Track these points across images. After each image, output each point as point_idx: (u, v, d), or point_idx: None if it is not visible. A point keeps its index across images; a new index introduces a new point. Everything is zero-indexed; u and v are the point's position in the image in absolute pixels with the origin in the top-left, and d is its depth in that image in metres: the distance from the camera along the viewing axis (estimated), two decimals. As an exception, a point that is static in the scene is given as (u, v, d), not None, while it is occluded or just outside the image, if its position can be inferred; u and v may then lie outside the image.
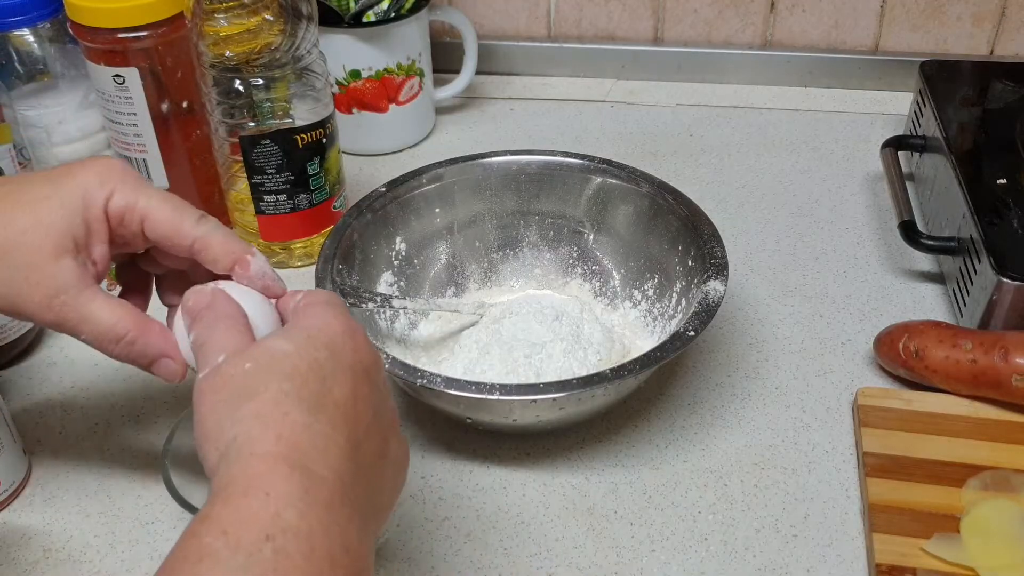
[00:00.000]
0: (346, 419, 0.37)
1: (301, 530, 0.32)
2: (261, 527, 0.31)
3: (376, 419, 0.40)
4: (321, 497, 0.33)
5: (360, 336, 0.41)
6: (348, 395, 0.38)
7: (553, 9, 1.00)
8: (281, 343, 0.39)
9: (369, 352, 0.41)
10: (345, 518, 0.34)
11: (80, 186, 0.46)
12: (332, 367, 0.38)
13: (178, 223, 0.46)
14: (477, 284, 0.73)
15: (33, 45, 0.76)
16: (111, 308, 0.46)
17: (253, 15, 0.67)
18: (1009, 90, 0.80)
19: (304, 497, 0.33)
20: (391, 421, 0.42)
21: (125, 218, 0.46)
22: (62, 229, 0.45)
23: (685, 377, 0.66)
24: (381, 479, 0.40)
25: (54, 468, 0.61)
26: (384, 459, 0.40)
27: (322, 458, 0.35)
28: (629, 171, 0.70)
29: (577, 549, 0.55)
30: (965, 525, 0.54)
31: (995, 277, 0.62)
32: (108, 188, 0.46)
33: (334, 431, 0.36)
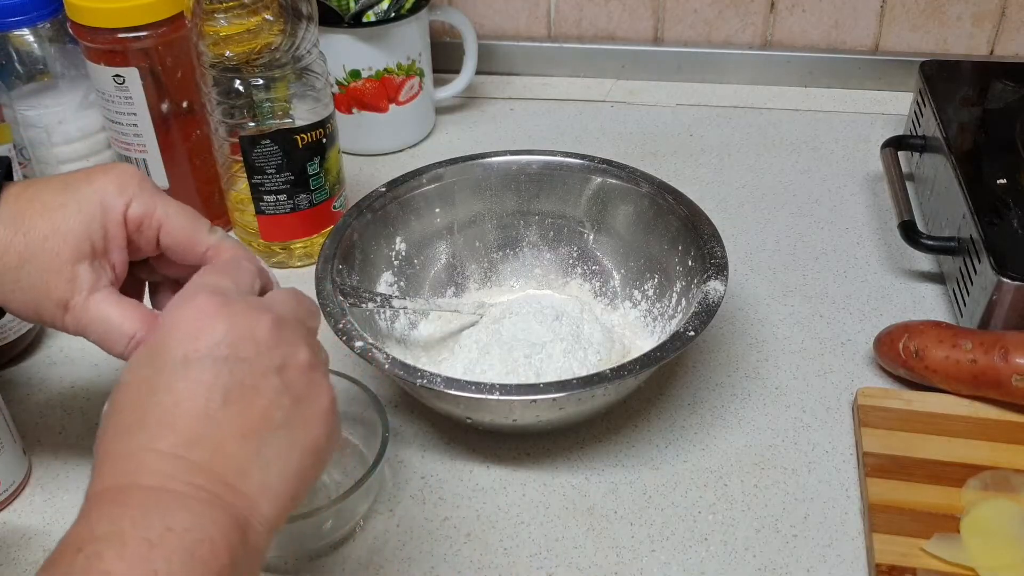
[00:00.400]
0: (168, 428, 0.37)
1: (111, 534, 0.34)
2: (75, 545, 0.34)
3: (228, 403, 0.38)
4: (132, 502, 0.35)
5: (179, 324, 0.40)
6: (171, 405, 0.38)
7: (553, 9, 1.00)
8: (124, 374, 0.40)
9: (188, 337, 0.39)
10: (167, 508, 0.35)
11: (98, 192, 0.47)
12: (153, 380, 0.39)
13: (192, 232, 0.48)
14: (477, 284, 0.73)
15: (33, 45, 0.76)
16: (120, 307, 0.47)
17: (253, 15, 0.67)
18: (1009, 90, 0.80)
19: (117, 509, 0.35)
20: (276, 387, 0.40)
21: (143, 225, 0.47)
22: (80, 235, 0.46)
23: (685, 377, 0.66)
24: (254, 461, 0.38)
25: (54, 468, 0.61)
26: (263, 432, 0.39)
27: (139, 471, 0.36)
28: (629, 171, 0.70)
29: (577, 549, 0.55)
30: (965, 525, 0.54)
31: (995, 277, 0.62)
32: (127, 195, 0.47)
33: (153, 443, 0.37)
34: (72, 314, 0.46)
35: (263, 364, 0.40)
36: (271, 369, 0.40)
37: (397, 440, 0.62)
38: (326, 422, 0.41)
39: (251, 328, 0.40)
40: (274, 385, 0.40)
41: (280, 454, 0.39)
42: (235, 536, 0.36)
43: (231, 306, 0.40)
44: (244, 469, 0.38)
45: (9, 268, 0.46)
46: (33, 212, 0.46)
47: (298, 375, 0.41)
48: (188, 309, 0.40)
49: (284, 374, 0.40)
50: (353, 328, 0.58)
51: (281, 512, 0.39)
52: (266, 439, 0.39)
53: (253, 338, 0.40)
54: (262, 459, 0.38)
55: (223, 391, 0.38)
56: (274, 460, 0.39)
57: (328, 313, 0.59)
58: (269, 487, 0.38)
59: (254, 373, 0.39)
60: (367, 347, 0.56)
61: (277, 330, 0.41)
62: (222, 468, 0.37)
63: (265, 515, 0.38)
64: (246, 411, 0.39)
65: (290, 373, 0.40)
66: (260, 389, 0.39)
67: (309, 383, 0.41)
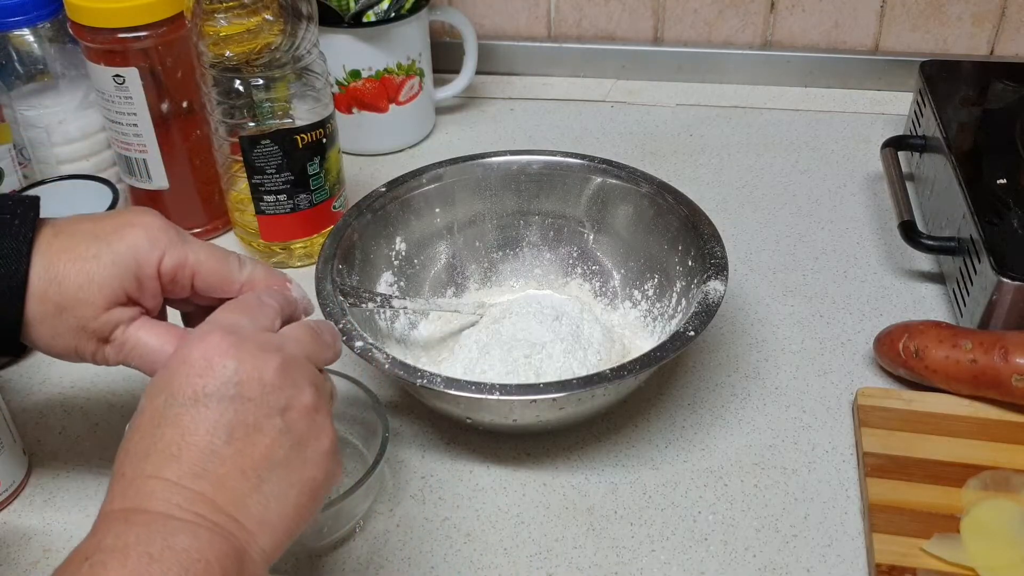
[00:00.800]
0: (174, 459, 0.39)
1: (116, 547, 0.36)
2: (83, 555, 0.36)
3: (232, 440, 0.40)
4: (138, 521, 0.38)
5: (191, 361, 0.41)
6: (177, 437, 0.39)
7: (553, 9, 1.00)
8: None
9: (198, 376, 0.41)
10: (170, 530, 0.37)
11: (132, 248, 0.48)
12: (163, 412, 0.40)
13: (226, 273, 0.50)
14: (477, 284, 0.73)
15: (33, 45, 0.76)
16: (156, 333, 0.49)
17: (253, 15, 0.67)
18: (1009, 90, 0.80)
19: (123, 526, 0.37)
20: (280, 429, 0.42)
21: (177, 276, 0.49)
22: (115, 287, 0.47)
23: (685, 377, 0.66)
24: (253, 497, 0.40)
25: (54, 468, 0.61)
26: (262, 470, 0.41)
27: (147, 497, 0.38)
28: (629, 171, 0.70)
29: (577, 549, 0.55)
30: (965, 525, 0.54)
31: (995, 277, 0.62)
32: (160, 249, 0.48)
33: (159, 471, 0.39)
34: (112, 347, 0.49)
35: (267, 405, 0.41)
36: (275, 410, 0.42)
37: (397, 440, 0.62)
38: (325, 463, 0.43)
39: (259, 369, 0.42)
40: (277, 425, 0.41)
41: (279, 491, 0.41)
42: (231, 563, 0.38)
43: (242, 346, 0.42)
44: (244, 503, 0.40)
45: (47, 316, 0.47)
46: (66, 262, 0.47)
47: (300, 417, 0.42)
48: (201, 346, 0.42)
49: (287, 415, 0.42)
50: (353, 328, 0.58)
51: (277, 545, 0.41)
52: (266, 476, 0.41)
53: (260, 379, 0.41)
54: (262, 495, 0.40)
55: (227, 429, 0.40)
56: (273, 496, 0.41)
57: (328, 313, 0.59)
58: (267, 521, 0.40)
59: (258, 413, 0.41)
60: (367, 347, 0.56)
61: (283, 372, 0.42)
62: (223, 500, 0.39)
63: (262, 547, 0.40)
64: (248, 449, 0.40)
65: (293, 414, 0.42)
66: (263, 429, 0.41)
67: (311, 425, 0.43)
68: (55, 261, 0.47)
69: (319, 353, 0.46)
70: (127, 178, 0.77)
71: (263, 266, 0.51)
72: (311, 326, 0.47)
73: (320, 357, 0.47)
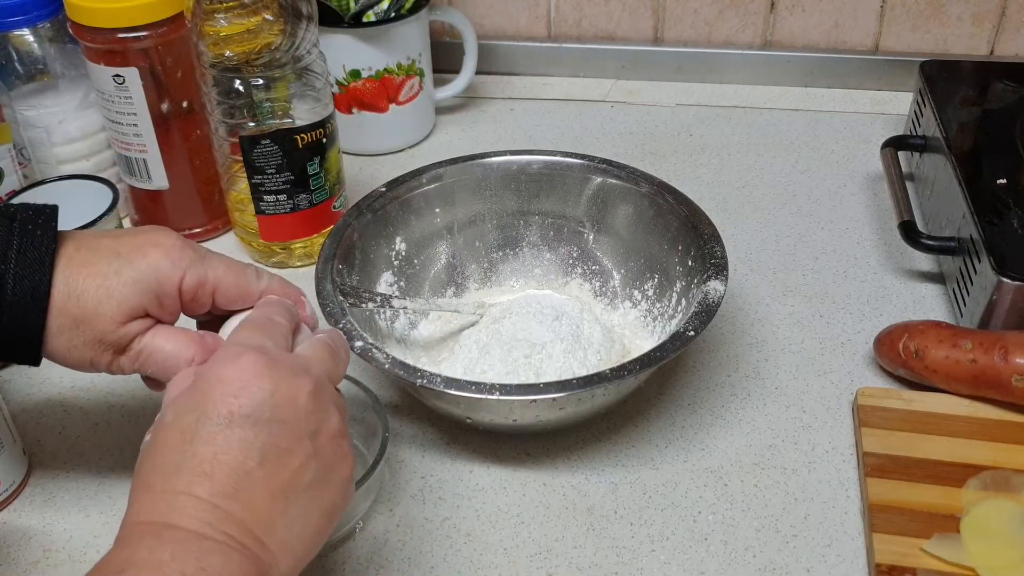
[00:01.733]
0: (207, 477, 0.40)
1: (150, 562, 0.37)
2: (115, 567, 0.37)
3: (264, 462, 0.40)
4: (172, 538, 0.38)
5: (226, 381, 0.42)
6: (210, 456, 0.40)
7: (553, 9, 1.00)
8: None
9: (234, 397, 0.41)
10: (204, 550, 0.38)
11: (153, 268, 0.48)
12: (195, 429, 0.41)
13: (244, 286, 0.50)
14: (477, 284, 0.73)
15: (33, 45, 0.76)
16: (172, 338, 0.49)
17: (253, 15, 0.67)
18: (1009, 90, 0.80)
19: (156, 541, 0.38)
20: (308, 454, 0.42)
21: (197, 294, 0.49)
22: (134, 304, 0.48)
23: (685, 377, 0.66)
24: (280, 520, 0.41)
25: (54, 468, 0.61)
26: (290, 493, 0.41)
27: (178, 513, 0.39)
28: (629, 171, 0.70)
29: (577, 549, 0.55)
30: (965, 525, 0.53)
31: (995, 277, 0.62)
32: (181, 268, 0.49)
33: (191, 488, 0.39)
34: (128, 357, 0.49)
35: (300, 429, 0.42)
36: (306, 434, 0.42)
37: (397, 440, 0.62)
38: (345, 487, 0.44)
39: (293, 393, 0.42)
40: (307, 449, 0.42)
41: (303, 514, 0.42)
42: None
43: (276, 368, 0.42)
44: (271, 525, 0.40)
45: (64, 329, 0.48)
46: (86, 276, 0.48)
47: (328, 441, 0.43)
48: (235, 367, 0.42)
49: (316, 440, 0.43)
50: (353, 328, 0.58)
51: (296, 568, 0.42)
52: (292, 499, 0.41)
53: (294, 403, 0.42)
54: (287, 517, 0.41)
55: (261, 451, 0.41)
56: (297, 519, 0.41)
57: (328, 313, 0.59)
58: (289, 544, 0.41)
59: (290, 437, 0.42)
60: (367, 347, 0.56)
61: (316, 397, 0.43)
62: (252, 522, 0.40)
63: (283, 570, 0.41)
64: (279, 471, 0.41)
65: (322, 439, 0.43)
66: (294, 452, 0.42)
67: (336, 450, 0.44)
68: (75, 275, 0.48)
69: (337, 372, 0.47)
70: (127, 178, 0.77)
71: (278, 277, 0.52)
72: (328, 344, 0.47)
73: (337, 376, 0.47)
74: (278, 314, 0.48)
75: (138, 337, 0.49)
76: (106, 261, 0.48)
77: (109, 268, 0.48)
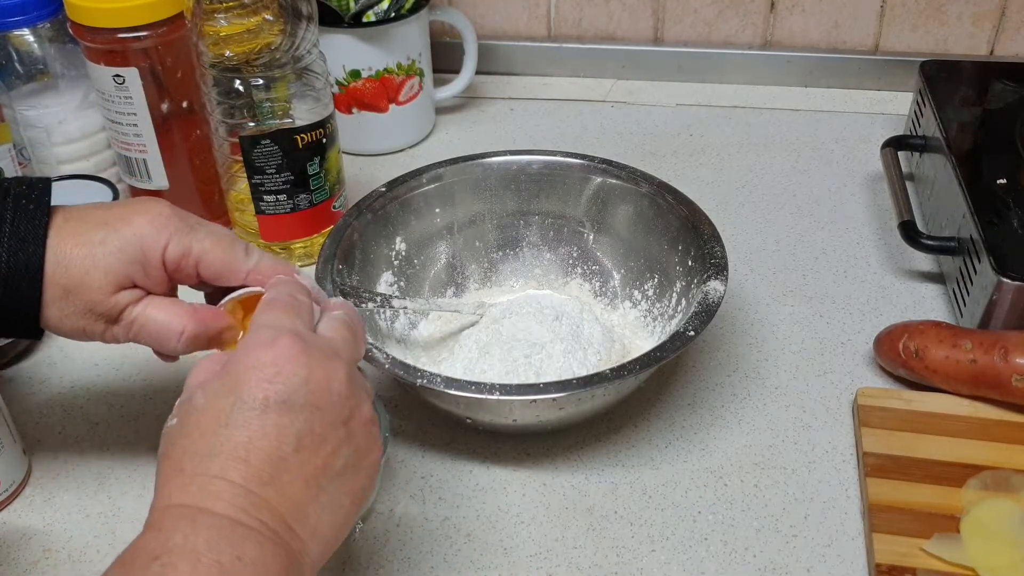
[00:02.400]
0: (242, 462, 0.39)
1: (185, 549, 0.36)
2: (151, 553, 0.36)
3: (299, 449, 0.40)
4: (207, 524, 0.37)
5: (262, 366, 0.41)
6: (245, 441, 0.39)
7: (553, 9, 1.00)
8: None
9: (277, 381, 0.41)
10: (239, 538, 0.37)
11: (137, 235, 0.48)
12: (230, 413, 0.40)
13: (230, 261, 0.49)
14: (477, 284, 0.73)
15: (33, 45, 0.76)
16: (164, 309, 0.50)
17: (253, 15, 0.67)
18: (1009, 90, 0.80)
19: (190, 527, 0.37)
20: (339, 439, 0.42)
21: (181, 263, 0.49)
22: (120, 272, 0.48)
23: (685, 377, 0.66)
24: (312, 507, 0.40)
25: (54, 468, 0.61)
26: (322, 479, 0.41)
27: (212, 498, 0.38)
28: (629, 171, 0.70)
29: (577, 549, 0.55)
30: (965, 525, 0.54)
31: (995, 277, 0.62)
32: (164, 237, 0.49)
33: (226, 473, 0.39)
34: (121, 327, 0.50)
35: (334, 415, 0.42)
36: (340, 420, 0.42)
37: (397, 440, 0.62)
38: (374, 473, 0.44)
39: (328, 379, 0.42)
40: (340, 435, 0.42)
41: (334, 500, 0.41)
42: (292, 575, 0.38)
43: (311, 353, 0.42)
44: (304, 512, 0.40)
45: (56, 299, 0.48)
46: (73, 246, 0.48)
47: (360, 427, 0.43)
48: (271, 352, 0.41)
49: (349, 425, 0.42)
50: (353, 328, 0.58)
51: (325, 555, 0.42)
52: (325, 486, 0.41)
53: (328, 389, 0.42)
54: (319, 504, 0.41)
55: (296, 437, 0.40)
56: (328, 506, 0.41)
57: (328, 313, 0.59)
58: (320, 532, 0.41)
59: (324, 423, 0.41)
60: (367, 347, 0.56)
61: (349, 383, 0.43)
62: (285, 509, 0.39)
63: (313, 558, 0.40)
64: (313, 458, 0.41)
65: (354, 425, 0.43)
66: (328, 438, 0.41)
67: (367, 435, 0.43)
68: (63, 245, 0.48)
69: (359, 352, 0.46)
70: (127, 178, 0.77)
71: (270, 255, 0.51)
72: (349, 325, 0.46)
73: (359, 355, 0.46)
74: (300, 293, 0.47)
75: (129, 307, 0.49)
76: (93, 231, 0.48)
77: (95, 237, 0.48)
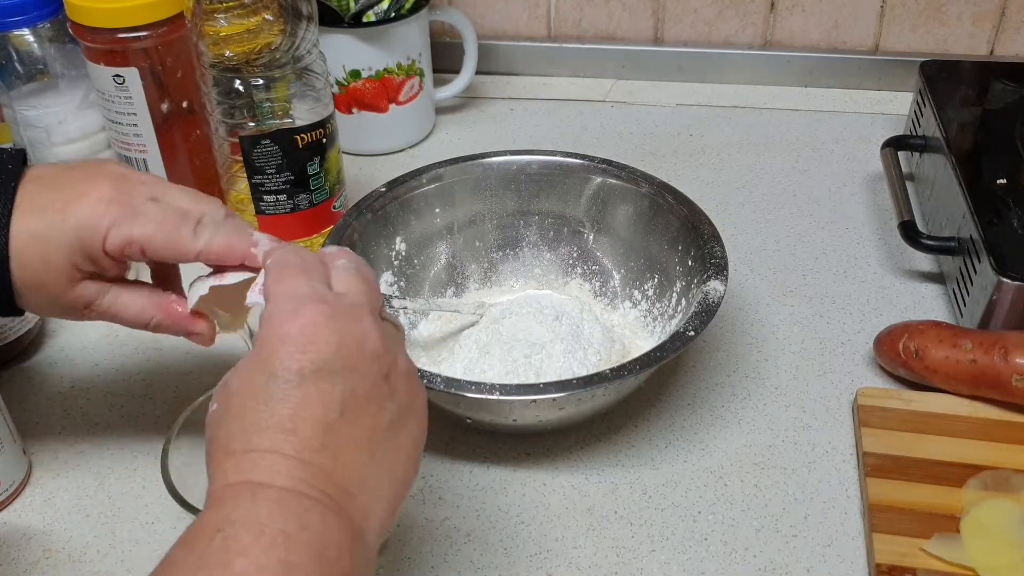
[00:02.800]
0: (291, 434, 0.38)
1: (248, 521, 0.35)
2: (213, 526, 0.36)
3: (345, 412, 0.39)
4: (268, 497, 0.37)
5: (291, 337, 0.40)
6: (289, 413, 0.38)
7: (553, 9, 1.00)
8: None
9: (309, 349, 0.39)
10: (302, 508, 0.37)
11: (75, 229, 0.47)
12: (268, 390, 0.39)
13: (175, 243, 0.48)
14: (477, 284, 0.73)
15: (33, 45, 0.76)
16: (133, 299, 0.51)
17: (253, 15, 0.67)
18: (1009, 90, 0.80)
19: (251, 500, 0.37)
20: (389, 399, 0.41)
21: (125, 251, 0.48)
22: (68, 267, 0.48)
23: (685, 377, 0.66)
24: (368, 468, 0.40)
25: (54, 468, 0.61)
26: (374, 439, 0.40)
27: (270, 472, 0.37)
28: (629, 171, 0.70)
29: (577, 549, 0.55)
30: (965, 525, 0.54)
31: (995, 277, 0.62)
32: (104, 226, 0.47)
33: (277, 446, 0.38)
34: (95, 313, 0.51)
35: (373, 373, 0.41)
36: (380, 377, 0.41)
37: (397, 440, 0.62)
38: (423, 419, 0.44)
39: (359, 339, 0.41)
40: (383, 392, 0.41)
41: (388, 459, 0.41)
42: (356, 544, 0.38)
43: (337, 316, 0.41)
44: (360, 477, 0.39)
45: (24, 291, 0.49)
46: (26, 242, 0.48)
47: (400, 380, 0.42)
48: (298, 321, 0.40)
49: (390, 380, 0.42)
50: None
51: (387, 517, 0.41)
52: (377, 444, 0.40)
53: (361, 349, 0.41)
54: (374, 466, 0.40)
55: (340, 402, 0.39)
56: (384, 466, 0.40)
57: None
58: (380, 494, 0.40)
59: (365, 383, 0.40)
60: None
61: (382, 339, 0.42)
62: (341, 475, 0.39)
63: (374, 522, 0.40)
64: (360, 419, 0.40)
65: (394, 379, 0.42)
66: (371, 398, 0.41)
67: (409, 386, 0.43)
68: (19, 237, 0.48)
69: (377, 300, 0.45)
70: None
71: (224, 231, 0.48)
72: (359, 272, 0.44)
73: (377, 303, 0.44)
74: (302, 251, 0.45)
75: (97, 300, 0.49)
76: (40, 216, 0.48)
77: (42, 230, 0.47)
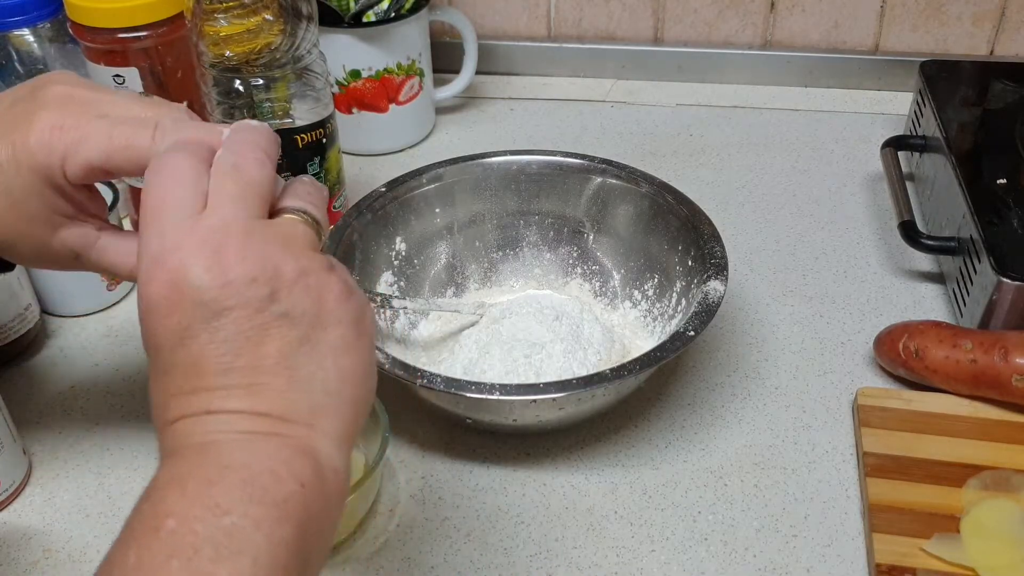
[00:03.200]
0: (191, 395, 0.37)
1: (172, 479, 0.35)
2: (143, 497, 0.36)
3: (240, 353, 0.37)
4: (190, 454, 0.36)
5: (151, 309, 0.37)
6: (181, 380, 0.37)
7: (553, 9, 1.00)
8: None
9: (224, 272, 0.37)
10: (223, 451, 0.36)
11: (32, 171, 0.45)
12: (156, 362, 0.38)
13: (135, 153, 0.44)
14: (477, 284, 0.73)
15: (33, 45, 0.76)
16: (117, 249, 0.49)
17: (253, 15, 0.67)
18: (1009, 90, 0.80)
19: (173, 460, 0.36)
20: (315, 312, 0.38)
21: (89, 176, 0.45)
22: (44, 212, 0.46)
23: (685, 377, 0.66)
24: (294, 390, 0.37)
25: (54, 468, 0.61)
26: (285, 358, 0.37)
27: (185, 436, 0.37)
28: (629, 171, 0.70)
29: (577, 549, 0.55)
30: (965, 525, 0.54)
31: (995, 277, 0.62)
32: (57, 158, 0.44)
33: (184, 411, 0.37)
34: (85, 263, 0.49)
35: (252, 303, 0.37)
36: (264, 302, 0.37)
37: (397, 440, 0.62)
38: (341, 314, 0.39)
39: (221, 274, 0.37)
40: (275, 312, 0.37)
41: (313, 370, 0.38)
42: (300, 463, 0.36)
43: (187, 265, 0.37)
44: (287, 399, 0.37)
45: (9, 242, 0.48)
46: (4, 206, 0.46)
47: (292, 292, 0.38)
48: (146, 291, 0.38)
49: (279, 300, 0.37)
50: (353, 328, 0.58)
51: (347, 423, 0.38)
52: (293, 363, 0.37)
53: (226, 284, 0.37)
54: (299, 383, 0.37)
55: (229, 346, 0.37)
56: (311, 378, 0.38)
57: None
58: (320, 405, 0.38)
59: (250, 315, 0.37)
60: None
61: (245, 259, 0.37)
62: (264, 407, 0.37)
63: (330, 432, 0.37)
64: (261, 350, 0.37)
65: (283, 295, 0.38)
66: (266, 326, 0.37)
67: (307, 291, 0.38)
68: None
69: (260, 198, 0.41)
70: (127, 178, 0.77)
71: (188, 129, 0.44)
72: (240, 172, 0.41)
73: (259, 204, 0.41)
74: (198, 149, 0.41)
75: (84, 251, 0.48)
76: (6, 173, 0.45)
77: (4, 183, 0.45)
